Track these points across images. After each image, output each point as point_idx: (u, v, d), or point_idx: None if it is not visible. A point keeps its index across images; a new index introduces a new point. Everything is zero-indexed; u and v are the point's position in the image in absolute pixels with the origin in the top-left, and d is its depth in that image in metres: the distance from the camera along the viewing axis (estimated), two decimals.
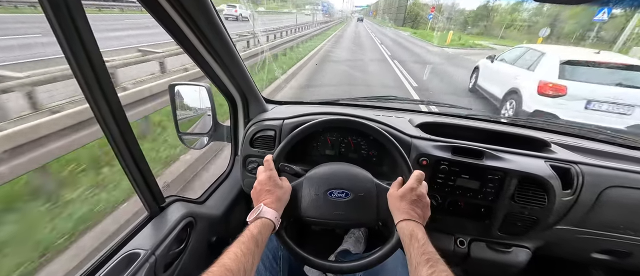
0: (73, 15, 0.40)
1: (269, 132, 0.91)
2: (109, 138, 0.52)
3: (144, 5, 0.53)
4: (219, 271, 0.40)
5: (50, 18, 0.38)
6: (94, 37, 0.44)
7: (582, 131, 1.08)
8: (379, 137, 0.71)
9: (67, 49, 0.41)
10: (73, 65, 0.43)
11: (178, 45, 0.67)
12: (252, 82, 0.94)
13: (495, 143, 0.86)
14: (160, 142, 2.61)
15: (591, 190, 0.77)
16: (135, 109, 2.45)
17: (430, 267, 0.45)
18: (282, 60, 6.97)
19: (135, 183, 0.58)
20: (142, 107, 2.52)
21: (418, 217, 0.56)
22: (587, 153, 0.89)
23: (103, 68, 0.47)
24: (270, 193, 0.60)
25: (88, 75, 0.45)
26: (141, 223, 0.63)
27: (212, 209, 0.89)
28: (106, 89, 0.48)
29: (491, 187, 0.80)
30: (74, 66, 0.43)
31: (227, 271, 0.40)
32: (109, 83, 0.48)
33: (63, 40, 0.40)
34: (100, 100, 0.48)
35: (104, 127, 0.50)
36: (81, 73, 0.44)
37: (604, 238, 0.83)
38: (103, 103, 0.48)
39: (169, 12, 0.57)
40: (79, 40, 0.42)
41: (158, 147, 2.50)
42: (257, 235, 0.50)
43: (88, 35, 0.43)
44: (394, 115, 1.07)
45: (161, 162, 2.33)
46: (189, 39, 0.66)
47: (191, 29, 0.62)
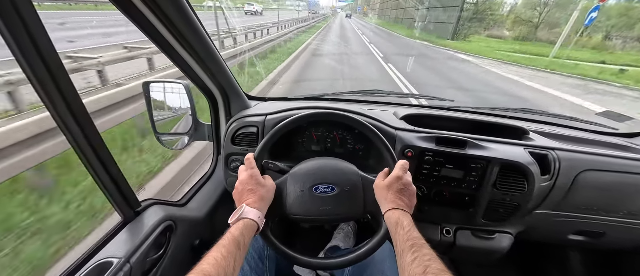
0: (21, 13, 0.36)
1: (252, 129, 0.89)
2: (72, 142, 0.47)
3: (113, 2, 0.49)
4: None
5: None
6: (47, 33, 0.40)
7: (558, 119, 1.12)
8: (363, 129, 0.70)
9: (15, 48, 0.37)
10: (24, 67, 0.39)
11: (151, 41, 0.63)
12: (232, 78, 0.90)
13: (477, 133, 0.88)
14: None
15: (567, 174, 0.80)
16: (126, 108, 2.36)
17: (414, 252, 0.45)
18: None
19: (105, 188, 0.54)
20: (132, 106, 2.42)
21: (405, 206, 0.56)
22: (563, 140, 0.93)
23: (60, 67, 0.42)
24: (253, 192, 0.57)
25: (42, 76, 0.41)
26: (114, 230, 0.59)
27: (194, 211, 0.85)
28: (65, 90, 0.44)
29: (474, 175, 0.82)
30: (26, 68, 0.39)
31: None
32: (68, 83, 0.44)
33: (10, 38, 0.36)
34: (59, 101, 0.44)
35: (65, 131, 0.46)
36: (34, 74, 0.40)
37: (580, 220, 0.87)
38: (62, 105, 0.44)
39: (139, 7, 0.53)
40: (29, 37, 0.38)
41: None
42: (238, 237, 0.48)
43: (39, 32, 0.39)
44: (379, 108, 1.07)
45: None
46: (162, 35, 0.62)
47: (163, 23, 0.58)
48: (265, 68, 5.84)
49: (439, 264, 0.42)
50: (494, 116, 1.08)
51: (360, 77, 6.13)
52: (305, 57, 8.11)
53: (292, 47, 8.77)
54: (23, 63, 0.39)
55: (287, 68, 6.36)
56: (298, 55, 7.76)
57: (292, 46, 9.11)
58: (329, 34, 17.32)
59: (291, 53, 7.69)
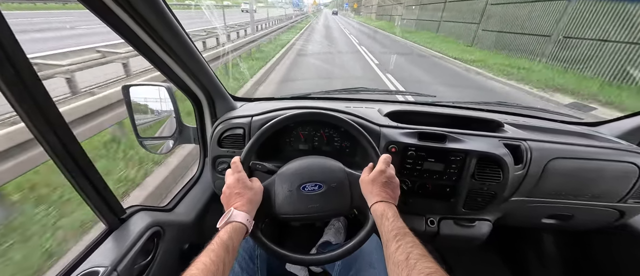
0: None
1: (238, 131, 0.88)
2: (50, 152, 0.46)
3: (84, 3, 0.48)
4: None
5: None
6: (14, 35, 0.38)
7: (530, 111, 1.19)
8: (347, 127, 0.72)
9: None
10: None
11: (127, 44, 0.62)
12: (216, 79, 0.89)
13: (457, 126, 0.92)
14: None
15: (538, 163, 0.86)
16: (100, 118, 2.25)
17: (398, 241, 0.47)
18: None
19: (86, 196, 0.53)
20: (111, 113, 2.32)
21: (389, 198, 0.58)
22: (534, 131, 0.99)
23: (31, 72, 0.41)
24: (240, 195, 0.58)
25: (13, 83, 0.39)
26: (99, 238, 0.58)
27: (181, 216, 0.84)
28: (37, 96, 0.42)
29: (454, 167, 0.86)
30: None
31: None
32: (40, 88, 0.42)
33: None
34: (33, 110, 0.42)
35: (42, 140, 0.44)
36: (4, 82, 0.38)
37: (551, 205, 0.94)
38: (36, 114, 0.42)
39: (110, 7, 0.51)
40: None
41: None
42: (227, 240, 0.48)
43: (6, 34, 0.37)
44: (364, 106, 1.09)
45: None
46: (139, 36, 0.60)
47: (139, 24, 0.57)
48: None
49: (421, 250, 0.45)
50: (472, 110, 1.14)
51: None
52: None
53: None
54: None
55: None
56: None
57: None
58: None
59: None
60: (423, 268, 0.40)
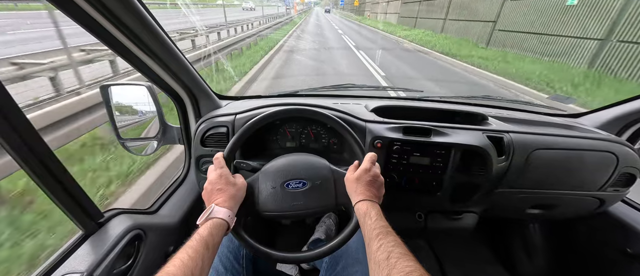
0: None
1: (221, 129, 0.87)
2: (15, 158, 0.44)
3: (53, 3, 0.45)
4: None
5: None
6: None
7: (515, 104, 1.22)
8: (330, 122, 0.72)
9: None
10: None
11: (103, 45, 0.59)
12: (198, 77, 0.87)
13: (444, 120, 0.93)
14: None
15: (521, 154, 0.87)
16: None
17: (379, 240, 0.47)
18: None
19: (58, 201, 0.51)
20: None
21: (373, 196, 0.58)
22: (517, 123, 1.01)
23: None
24: (222, 191, 0.57)
25: None
26: (74, 244, 0.56)
27: (165, 218, 0.82)
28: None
29: (439, 161, 0.87)
30: None
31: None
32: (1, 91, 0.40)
33: None
34: None
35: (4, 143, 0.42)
36: None
37: (535, 195, 0.96)
38: None
39: (85, 8, 0.49)
40: None
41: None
42: (206, 236, 0.47)
43: None
44: (352, 102, 1.09)
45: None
46: (115, 37, 0.58)
47: (115, 25, 0.55)
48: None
49: (402, 249, 0.45)
50: (458, 103, 1.15)
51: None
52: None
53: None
54: None
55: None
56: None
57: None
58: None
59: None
60: (403, 267, 0.40)
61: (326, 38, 12.87)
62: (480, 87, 5.46)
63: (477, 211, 1.00)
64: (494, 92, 5.19)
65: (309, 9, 79.01)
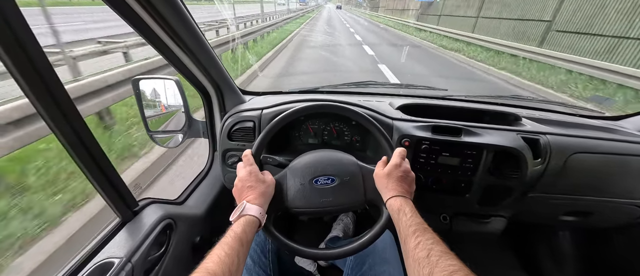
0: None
1: (248, 124, 0.87)
2: (63, 142, 0.46)
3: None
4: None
5: None
6: (30, 28, 0.38)
7: (548, 104, 1.15)
8: (360, 120, 0.70)
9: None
10: (8, 65, 0.37)
11: (141, 37, 0.61)
12: (225, 72, 0.88)
13: (472, 120, 0.89)
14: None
15: (558, 157, 0.82)
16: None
17: (417, 237, 0.45)
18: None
19: (100, 189, 0.53)
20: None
21: (405, 192, 0.57)
22: (553, 124, 0.95)
23: (46, 64, 0.40)
24: (253, 189, 0.57)
25: (28, 74, 0.38)
26: (113, 230, 0.58)
27: (192, 209, 0.84)
28: (52, 87, 0.41)
29: (470, 162, 0.83)
30: (10, 65, 0.37)
31: (210, 275, 0.38)
32: (55, 80, 0.42)
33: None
34: (47, 100, 0.41)
35: (55, 130, 0.44)
36: (20, 72, 0.38)
37: (570, 201, 0.91)
38: (51, 104, 0.42)
39: (128, 2, 0.51)
40: (11, 33, 0.35)
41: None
42: (240, 233, 0.47)
43: (21, 27, 0.36)
44: (374, 99, 1.07)
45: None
46: (153, 30, 0.60)
47: (154, 19, 0.57)
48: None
49: (442, 246, 0.43)
50: (486, 103, 1.10)
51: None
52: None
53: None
54: (8, 63, 0.36)
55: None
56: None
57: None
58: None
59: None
60: (446, 265, 0.39)
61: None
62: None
63: (506, 215, 0.95)
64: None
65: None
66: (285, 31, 10.94)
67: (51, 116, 0.42)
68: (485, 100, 1.13)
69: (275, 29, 9.90)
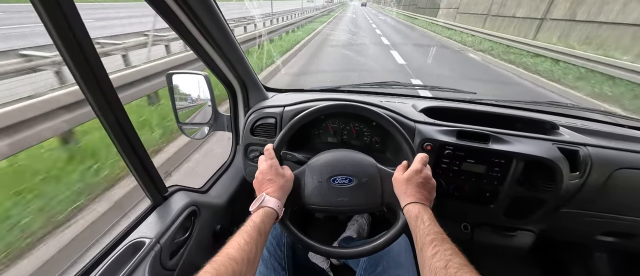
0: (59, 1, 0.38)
1: (270, 120, 0.90)
2: (107, 129, 0.50)
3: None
4: (223, 260, 0.40)
5: (35, 4, 0.36)
6: (83, 22, 0.42)
7: (592, 113, 1.05)
8: (381, 121, 0.69)
9: (56, 37, 0.39)
10: (64, 55, 0.41)
11: (175, 33, 0.65)
12: (251, 69, 0.91)
13: (500, 126, 0.84)
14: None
15: (600, 172, 0.75)
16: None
17: (435, 246, 0.44)
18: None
19: (136, 173, 0.58)
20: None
21: (425, 199, 0.55)
22: (596, 135, 0.87)
23: (95, 55, 0.45)
24: (272, 182, 0.59)
25: (80, 65, 0.43)
26: (145, 213, 0.63)
27: (215, 198, 0.89)
28: (100, 78, 0.46)
29: (497, 170, 0.79)
30: (65, 56, 0.41)
31: (231, 260, 0.40)
32: (103, 71, 0.46)
33: (51, 27, 0.38)
34: (95, 90, 0.46)
35: (101, 118, 0.49)
36: (73, 62, 0.42)
37: (610, 221, 0.83)
38: (98, 93, 0.47)
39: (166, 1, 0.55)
40: (68, 27, 0.39)
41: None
42: (259, 223, 0.49)
43: (76, 21, 0.40)
44: (396, 100, 1.05)
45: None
46: (186, 27, 0.64)
47: (188, 16, 0.61)
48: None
49: (461, 258, 0.42)
50: (519, 109, 1.03)
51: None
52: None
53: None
54: (63, 52, 0.41)
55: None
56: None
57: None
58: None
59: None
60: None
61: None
62: None
63: (535, 230, 0.89)
64: None
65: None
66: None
67: (99, 106, 0.47)
68: (518, 105, 1.06)
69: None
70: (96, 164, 2.06)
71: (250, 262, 0.43)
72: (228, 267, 0.39)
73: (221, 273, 0.37)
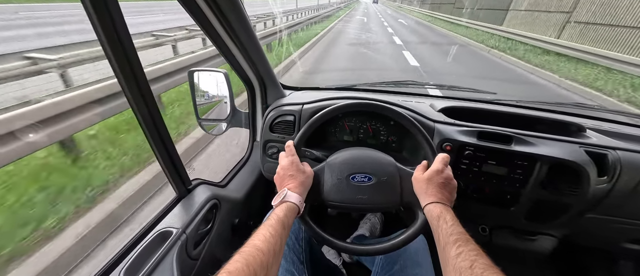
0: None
1: (289, 117, 0.91)
2: (140, 122, 0.53)
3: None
4: (251, 250, 0.41)
5: (86, 5, 0.39)
6: (125, 22, 0.44)
7: (622, 116, 1.00)
8: (402, 121, 0.69)
9: (102, 36, 0.42)
10: (107, 51, 0.44)
11: (201, 30, 0.67)
12: (270, 67, 0.93)
13: (522, 128, 0.82)
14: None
15: (630, 177, 0.72)
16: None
17: (459, 246, 0.44)
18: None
19: (164, 166, 0.60)
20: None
21: (446, 200, 0.55)
22: (625, 139, 0.83)
23: (134, 53, 0.47)
24: (294, 178, 0.60)
25: (121, 61, 0.45)
26: (171, 204, 0.66)
27: (233, 192, 0.91)
28: (137, 74, 0.48)
29: (519, 173, 0.77)
30: (108, 52, 0.44)
31: (258, 251, 0.42)
32: (140, 68, 0.49)
33: (98, 27, 0.40)
34: (132, 85, 0.48)
35: (136, 111, 0.51)
36: (115, 58, 0.45)
37: (639, 228, 0.79)
38: (135, 88, 0.49)
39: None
40: (113, 26, 0.42)
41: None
42: (283, 218, 0.51)
43: (120, 20, 0.43)
44: (414, 100, 1.04)
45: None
46: (212, 23, 0.66)
47: (216, 15, 0.62)
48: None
49: (486, 259, 0.42)
50: (543, 110, 1.00)
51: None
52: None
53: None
54: (106, 48, 0.43)
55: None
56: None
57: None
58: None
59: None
60: None
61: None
62: None
63: (557, 235, 0.87)
64: None
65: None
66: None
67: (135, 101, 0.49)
68: (541, 106, 1.03)
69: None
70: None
71: (276, 254, 0.44)
72: (256, 257, 0.40)
73: (250, 263, 0.39)
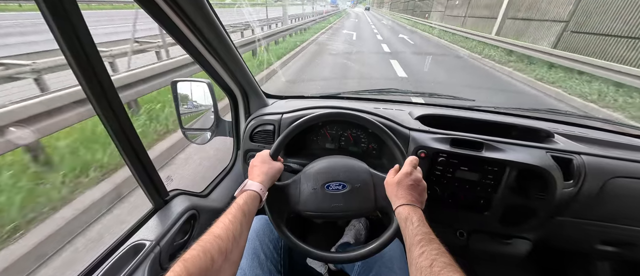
0: (66, 7, 0.40)
1: (268, 127, 0.93)
2: (111, 134, 0.53)
3: (139, 3, 0.54)
4: (209, 238, 0.43)
5: (44, 12, 0.38)
6: (89, 31, 0.44)
7: (589, 121, 1.05)
8: (373, 128, 0.72)
9: (64, 46, 0.41)
10: (71, 63, 0.44)
11: (175, 42, 0.69)
12: (251, 77, 0.95)
13: (498, 134, 0.85)
14: None
15: (594, 181, 0.75)
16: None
17: (422, 246, 0.45)
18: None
19: (138, 177, 0.60)
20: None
21: (415, 201, 0.57)
22: (592, 143, 0.87)
23: (100, 64, 0.47)
24: (256, 167, 0.64)
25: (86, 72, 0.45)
26: (146, 216, 0.66)
27: (215, 202, 0.91)
28: (105, 86, 0.49)
29: (490, 178, 0.80)
30: (73, 64, 0.44)
31: (216, 238, 0.43)
32: (106, 75, 0.48)
33: (59, 36, 0.40)
34: (101, 97, 0.49)
35: (106, 124, 0.52)
36: (80, 70, 0.44)
37: (608, 230, 0.82)
38: (103, 100, 0.49)
39: (164, 9, 0.57)
40: (75, 36, 0.42)
41: None
42: (242, 205, 0.53)
43: (83, 30, 0.43)
44: (394, 108, 1.06)
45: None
46: (186, 36, 0.67)
47: (187, 26, 0.63)
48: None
49: (447, 258, 0.43)
50: (516, 116, 1.04)
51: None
52: None
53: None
54: (70, 60, 0.43)
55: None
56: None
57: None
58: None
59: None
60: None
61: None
62: None
63: (531, 237, 0.89)
64: None
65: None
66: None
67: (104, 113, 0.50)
68: (516, 112, 1.07)
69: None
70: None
71: (236, 239, 0.46)
72: (213, 243, 0.42)
73: (207, 249, 0.40)
